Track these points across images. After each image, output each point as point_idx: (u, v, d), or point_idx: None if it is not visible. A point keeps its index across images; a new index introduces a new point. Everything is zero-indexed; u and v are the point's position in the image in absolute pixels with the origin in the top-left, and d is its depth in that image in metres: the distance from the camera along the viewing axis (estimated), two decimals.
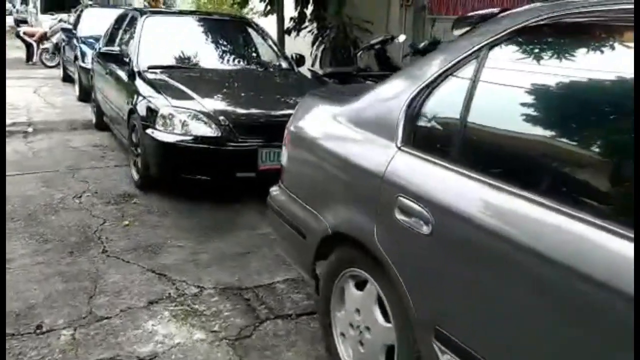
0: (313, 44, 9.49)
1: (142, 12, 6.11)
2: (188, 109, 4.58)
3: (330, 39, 8.94)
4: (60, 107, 9.18)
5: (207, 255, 3.70)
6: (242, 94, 5.08)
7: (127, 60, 5.57)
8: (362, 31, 9.01)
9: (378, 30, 8.93)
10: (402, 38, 7.58)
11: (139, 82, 5.21)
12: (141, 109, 4.85)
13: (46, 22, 15.93)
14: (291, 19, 10.25)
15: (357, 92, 2.45)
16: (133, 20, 6.28)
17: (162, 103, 4.67)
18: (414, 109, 1.95)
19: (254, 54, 6.19)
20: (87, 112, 8.59)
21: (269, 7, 10.17)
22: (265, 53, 6.28)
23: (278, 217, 2.74)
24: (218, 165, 4.51)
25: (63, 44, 11.98)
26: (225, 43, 6.15)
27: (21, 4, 28.23)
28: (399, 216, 1.84)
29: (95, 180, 5.28)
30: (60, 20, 14.65)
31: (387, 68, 7.65)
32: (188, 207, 4.60)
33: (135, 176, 5.03)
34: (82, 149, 6.49)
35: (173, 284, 3.28)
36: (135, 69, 5.39)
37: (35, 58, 14.85)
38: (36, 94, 10.27)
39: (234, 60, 5.83)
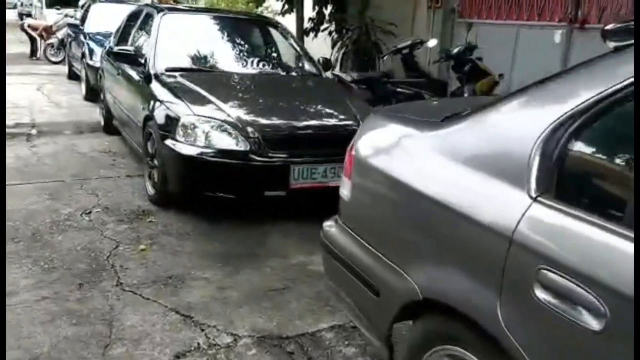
0: (333, 46, 9.01)
1: (158, 9, 5.62)
2: (212, 118, 4.10)
3: (352, 41, 8.45)
4: (65, 107, 8.70)
5: (237, 291, 3.21)
6: (270, 102, 4.59)
7: (143, 61, 5.09)
8: (385, 34, 8.54)
9: (402, 33, 8.46)
10: (432, 43, 7.10)
11: (156, 86, 4.73)
12: (159, 117, 4.37)
13: (51, 17, 15.43)
14: (310, 19, 9.79)
15: (440, 112, 1.97)
16: (148, 18, 5.79)
17: (183, 111, 4.19)
18: (556, 145, 1.45)
19: (279, 57, 5.69)
20: (94, 113, 8.12)
21: (286, 6, 9.70)
22: (290, 56, 5.79)
23: (336, 261, 2.25)
24: (245, 182, 4.03)
25: (69, 39, 11.50)
26: (248, 44, 5.67)
27: None
28: (542, 295, 1.35)
29: (106, 192, 4.79)
30: (66, 15, 14.18)
31: (414, 74, 7.18)
32: (211, 228, 4.12)
33: (151, 190, 4.55)
34: (90, 155, 6.01)
35: (202, 329, 2.79)
36: (152, 71, 4.91)
37: (39, 53, 14.37)
38: (40, 92, 9.80)
39: (258, 63, 5.34)
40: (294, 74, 5.50)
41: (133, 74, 5.28)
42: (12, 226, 3.94)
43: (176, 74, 4.90)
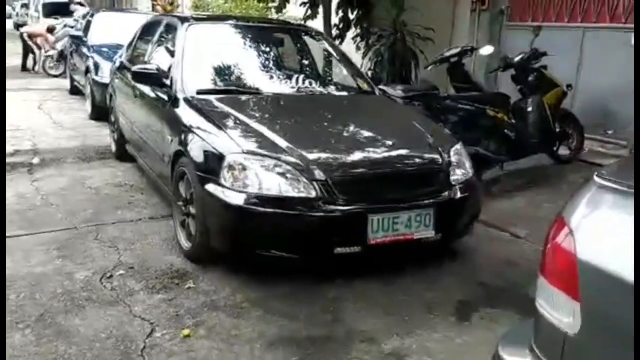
0: (364, 55, 8.14)
1: (182, 19, 4.75)
2: (266, 155, 3.24)
3: (386, 48, 7.58)
4: (69, 127, 7.84)
5: None
6: (332, 131, 3.74)
7: (168, 81, 4.21)
8: (422, 40, 7.66)
9: (441, 39, 7.60)
10: (487, 50, 6.25)
11: (187, 113, 3.87)
12: (196, 153, 3.50)
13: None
14: (334, 25, 8.94)
15: None
16: (170, 30, 4.93)
17: (228, 146, 3.33)
18: None
19: (326, 73, 4.82)
20: (102, 135, 7.27)
21: (309, 12, 8.84)
22: (338, 71, 4.93)
23: None
24: (310, 238, 3.17)
25: (70, 50, 10.62)
26: (290, 59, 4.80)
27: (21, 7, 26.92)
28: None
29: (128, 244, 3.92)
30: (65, 26, 13.33)
31: (464, 86, 6.31)
32: (268, 295, 3.25)
33: (185, 243, 3.68)
34: (103, 190, 5.13)
35: None
36: (180, 94, 4.05)
37: (38, 66, 13.52)
38: (41, 110, 8.94)
39: (303, 81, 4.47)
40: (345, 92, 4.62)
41: (156, 97, 4.42)
42: (16, 302, 3.08)
43: (210, 97, 4.03)
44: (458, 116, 5.42)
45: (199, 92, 4.11)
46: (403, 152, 3.50)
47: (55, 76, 12.84)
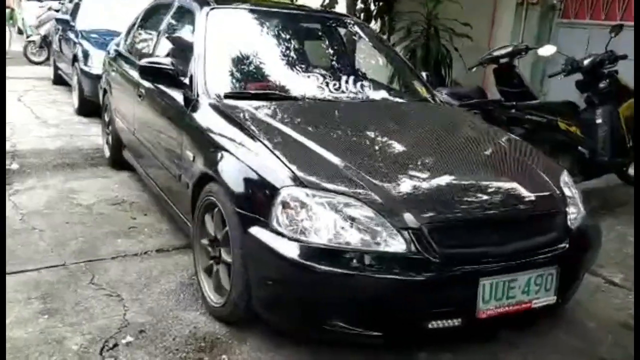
0: None
1: (200, 2, 3.82)
2: (337, 191, 2.34)
3: (420, 45, 6.70)
4: (54, 124, 6.86)
5: None
6: (415, 155, 2.84)
7: (187, 80, 3.30)
8: (457, 37, 6.81)
9: (478, 37, 6.75)
10: (548, 50, 5.40)
11: (216, 123, 2.97)
12: (232, 180, 2.61)
13: (32, 11, 13.43)
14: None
15: None
16: (183, 15, 4.00)
17: (281, 175, 2.44)
18: None
19: (379, 75, 3.91)
20: (91, 134, 6.35)
21: (327, 1, 7.93)
22: (391, 72, 4.03)
23: None
24: (398, 309, 2.28)
25: (55, 37, 9.57)
26: (335, 55, 3.90)
27: None
28: None
29: (134, 292, 3.02)
30: (50, 9, 12.22)
31: (514, 91, 5.46)
32: None
33: (213, 298, 2.79)
34: (97, 209, 4.20)
35: None
36: (205, 99, 3.15)
37: (9, 46, 12.37)
38: (22, 103, 7.93)
39: (355, 84, 3.56)
40: (403, 99, 3.73)
41: (168, 98, 3.49)
42: None
43: (243, 103, 3.12)
44: (524, 129, 4.57)
45: (227, 96, 3.19)
46: (512, 185, 2.62)
47: (38, 63, 11.81)
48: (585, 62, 4.96)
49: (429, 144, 2.97)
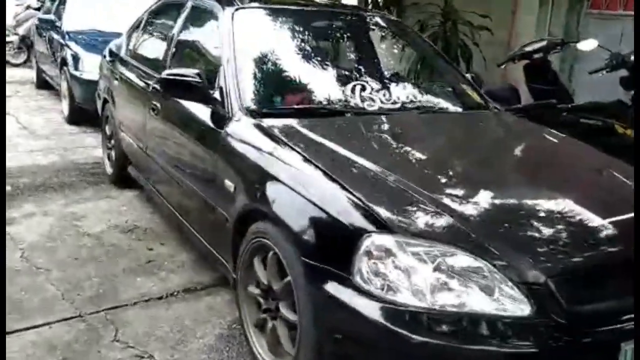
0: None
1: (222, 1, 3.32)
2: (434, 238, 1.90)
3: (440, 40, 6.25)
4: (43, 134, 6.31)
5: None
6: (513, 183, 2.39)
7: (217, 94, 2.81)
8: (475, 29, 6.37)
9: (498, 29, 6.33)
10: (590, 44, 4.95)
11: (262, 146, 2.52)
12: (295, 222, 2.15)
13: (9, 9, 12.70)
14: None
15: None
16: (201, 16, 3.51)
17: (360, 217, 2.00)
18: None
19: (427, 81, 3.44)
20: (87, 146, 5.87)
21: None
22: (438, 76, 3.57)
23: None
24: None
25: (37, 37, 8.95)
26: (379, 61, 3.42)
27: None
28: None
29: (168, 350, 2.57)
30: (29, 7, 11.55)
31: (548, 88, 5.04)
32: None
33: None
34: (107, 238, 3.71)
35: None
36: (242, 116, 2.68)
37: None
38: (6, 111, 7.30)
39: (406, 93, 3.09)
40: (461, 108, 3.28)
41: (194, 114, 2.99)
42: None
43: (290, 121, 2.66)
44: (577, 133, 4.13)
45: (268, 113, 2.71)
46: (628, 217, 2.18)
47: (16, 65, 11.13)
48: (632, 57, 4.54)
49: (522, 169, 2.53)
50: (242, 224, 2.48)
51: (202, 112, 2.92)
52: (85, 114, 6.59)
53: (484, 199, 2.16)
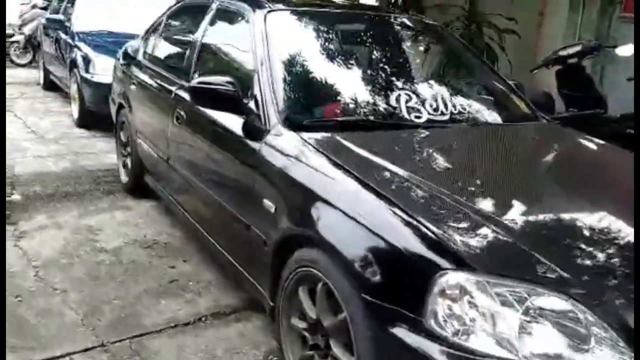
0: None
1: (251, 3, 3.09)
2: (519, 277, 1.66)
3: (465, 40, 5.99)
4: (53, 139, 6.07)
5: None
6: (589, 208, 2.14)
7: (252, 105, 2.58)
8: (500, 33, 6.14)
9: (525, 32, 6.09)
10: (628, 50, 4.75)
11: (309, 164, 2.29)
12: (353, 253, 1.93)
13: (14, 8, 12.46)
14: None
15: None
16: (228, 19, 3.30)
17: (433, 251, 1.76)
18: None
19: (475, 89, 3.20)
20: (98, 151, 5.65)
21: None
22: (483, 85, 3.33)
23: None
24: None
25: (44, 37, 8.72)
26: (422, 67, 3.19)
27: None
28: None
29: None
30: (35, 6, 11.32)
31: (581, 95, 4.82)
32: None
33: None
34: (126, 254, 3.48)
35: None
36: (284, 131, 2.44)
37: None
38: (12, 114, 7.11)
39: (453, 103, 2.85)
40: (514, 120, 3.04)
41: (226, 125, 2.76)
42: None
43: (340, 136, 2.42)
44: (625, 145, 3.90)
45: (307, 125, 2.48)
46: None
47: (22, 65, 10.91)
48: None
49: (597, 191, 2.28)
50: (284, 249, 2.25)
51: (234, 122, 2.69)
52: (95, 117, 6.38)
53: (563, 226, 1.93)
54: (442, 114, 2.75)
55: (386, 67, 2.94)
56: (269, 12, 3.00)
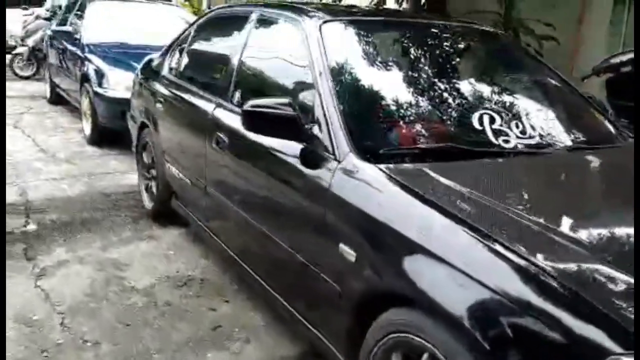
0: None
1: (300, 13, 2.73)
2: None
3: None
4: (64, 158, 5.71)
5: None
6: None
7: (316, 131, 2.21)
8: (539, 39, 5.79)
9: (562, 38, 5.75)
10: None
11: (399, 204, 1.92)
12: (481, 324, 1.55)
13: (16, 18, 12.11)
14: None
15: None
16: (273, 30, 2.93)
17: (598, 329, 1.36)
18: None
19: (556, 110, 2.82)
20: (113, 170, 5.35)
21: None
22: (563, 103, 2.96)
23: None
24: None
25: (50, 49, 8.36)
26: (502, 83, 2.81)
27: None
28: None
29: None
30: (38, 17, 10.97)
31: (631, 107, 4.44)
32: None
33: None
34: (160, 295, 3.12)
35: None
36: (362, 164, 2.07)
37: None
38: (20, 130, 6.75)
39: (543, 125, 2.49)
40: (605, 142, 2.68)
41: (283, 154, 2.40)
42: None
43: (418, 166, 2.05)
44: None
45: (384, 155, 2.11)
46: None
47: (26, 78, 10.55)
48: None
49: None
50: (368, 305, 1.88)
51: (292, 149, 2.33)
52: (108, 133, 6.04)
53: None
54: (530, 137, 2.38)
55: (460, 83, 2.58)
56: (324, 22, 2.64)
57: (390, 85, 2.46)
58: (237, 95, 2.93)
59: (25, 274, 3.24)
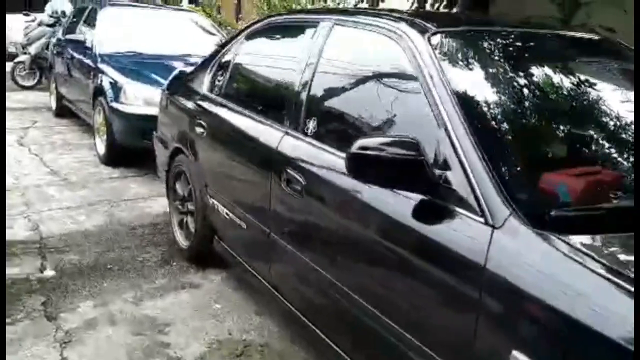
0: None
1: (399, 21, 2.15)
2: None
3: None
4: (79, 182, 5.13)
5: None
6: None
7: (454, 180, 1.61)
8: None
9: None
10: None
11: (605, 295, 1.27)
12: None
13: (17, 25, 11.48)
14: None
15: None
16: (356, 43, 2.35)
17: None
18: None
19: None
20: (134, 196, 4.79)
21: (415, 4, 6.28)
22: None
23: None
24: None
25: (56, 58, 7.77)
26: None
27: None
28: None
29: None
30: (40, 24, 10.36)
31: None
32: None
33: None
34: None
35: None
36: (535, 240, 1.45)
37: None
38: (25, 148, 6.18)
39: None
40: None
41: (392, 204, 1.81)
42: None
43: (601, 237, 1.46)
44: None
45: (555, 219, 1.52)
46: None
47: (28, 88, 9.97)
48: None
49: None
50: None
51: (410, 203, 1.74)
52: (124, 152, 5.46)
53: None
54: None
55: (612, 109, 1.99)
56: (432, 34, 2.05)
57: (540, 114, 1.87)
58: (312, 124, 2.35)
59: (47, 340, 2.66)
